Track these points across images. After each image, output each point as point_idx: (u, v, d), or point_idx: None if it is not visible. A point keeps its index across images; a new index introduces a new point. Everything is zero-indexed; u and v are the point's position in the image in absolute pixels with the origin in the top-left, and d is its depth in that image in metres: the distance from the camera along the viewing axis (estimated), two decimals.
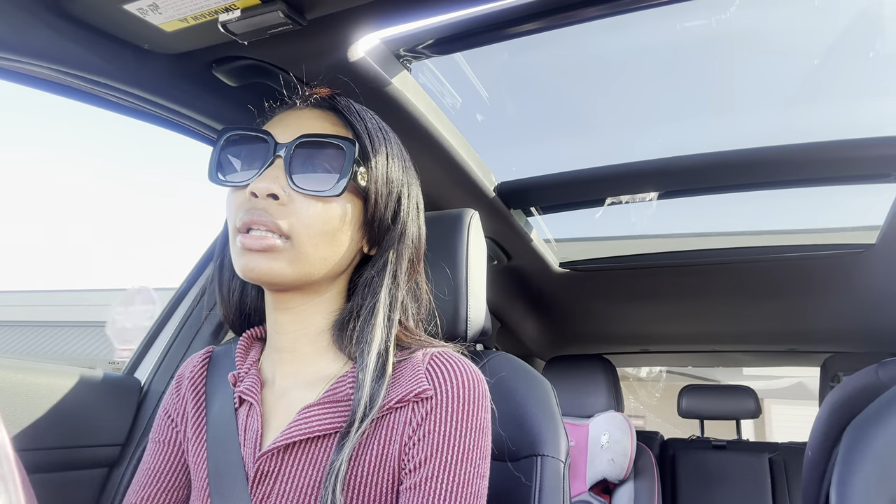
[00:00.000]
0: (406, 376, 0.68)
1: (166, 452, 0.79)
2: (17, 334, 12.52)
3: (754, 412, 2.80)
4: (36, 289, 13.95)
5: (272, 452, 0.67)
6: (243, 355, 0.78)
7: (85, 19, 0.81)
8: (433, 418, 0.65)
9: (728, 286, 2.06)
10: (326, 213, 0.68)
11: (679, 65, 1.41)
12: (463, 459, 0.64)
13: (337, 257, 0.70)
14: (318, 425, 0.66)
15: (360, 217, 0.72)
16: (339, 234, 0.69)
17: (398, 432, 0.66)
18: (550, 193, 1.63)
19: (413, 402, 0.66)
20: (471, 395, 0.67)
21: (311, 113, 0.74)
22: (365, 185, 0.71)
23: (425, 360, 0.69)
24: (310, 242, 0.67)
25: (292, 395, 0.72)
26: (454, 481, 0.63)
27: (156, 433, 0.81)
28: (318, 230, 0.67)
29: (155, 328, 1.31)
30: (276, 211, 0.66)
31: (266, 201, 0.66)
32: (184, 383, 0.81)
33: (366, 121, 0.74)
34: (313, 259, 0.68)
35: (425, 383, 0.67)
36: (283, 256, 0.66)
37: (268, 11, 0.76)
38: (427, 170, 0.87)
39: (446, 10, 0.87)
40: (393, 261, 0.73)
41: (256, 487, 0.67)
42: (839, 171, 1.43)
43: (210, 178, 0.71)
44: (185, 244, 40.94)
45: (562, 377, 2.50)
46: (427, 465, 0.64)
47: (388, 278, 0.73)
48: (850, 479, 0.95)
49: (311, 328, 0.73)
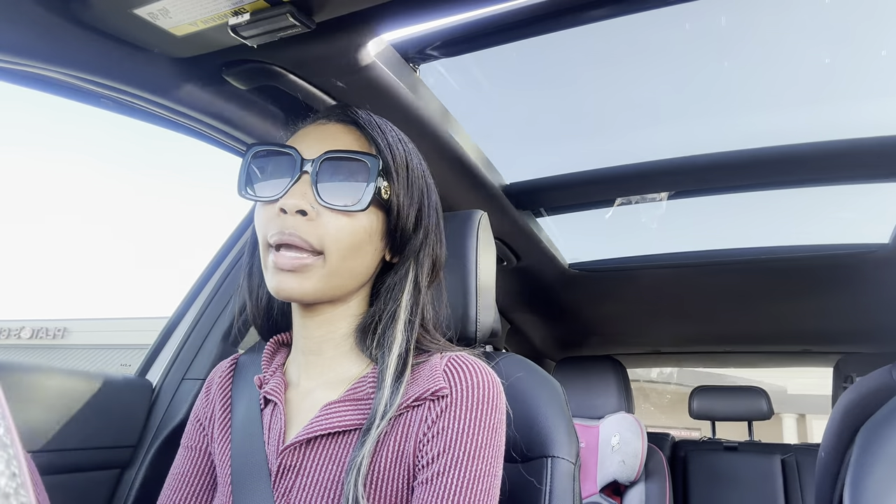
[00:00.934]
0: (424, 377, 0.71)
1: (196, 458, 0.82)
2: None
3: (766, 413, 2.78)
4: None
5: (295, 446, 0.69)
6: (269, 359, 0.81)
7: (95, 24, 0.81)
8: (448, 415, 0.67)
9: (740, 286, 2.05)
10: (353, 227, 0.70)
11: (689, 64, 1.40)
12: (475, 456, 0.65)
13: (363, 268, 0.74)
14: (339, 421, 0.69)
15: (383, 228, 0.74)
16: (365, 245, 0.72)
17: (414, 429, 0.68)
18: (560, 194, 1.63)
19: (430, 400, 0.69)
20: (485, 395, 0.69)
21: (335, 128, 0.76)
22: (388, 198, 0.73)
23: (443, 363, 0.72)
24: (339, 255, 0.70)
25: (316, 394, 0.74)
26: (465, 477, 0.64)
27: (186, 439, 0.84)
28: (346, 244, 0.70)
29: (166, 330, 1.32)
30: (304, 228, 0.68)
31: (295, 218, 0.68)
32: (213, 388, 0.85)
33: (386, 134, 0.76)
34: (342, 272, 0.71)
35: (442, 382, 0.69)
36: (314, 274, 0.69)
37: (277, 14, 0.76)
38: (436, 171, 0.87)
39: (454, 11, 0.87)
40: (414, 268, 0.77)
41: (279, 481, 0.69)
42: (852, 170, 1.42)
43: (239, 192, 0.74)
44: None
45: (572, 378, 2.50)
46: (440, 460, 0.65)
47: (410, 284, 0.76)
48: (864, 480, 0.94)
49: (337, 333, 0.76)
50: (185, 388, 1.21)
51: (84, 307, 40.75)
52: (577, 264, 2.04)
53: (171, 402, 1.19)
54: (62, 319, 14.50)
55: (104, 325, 13.59)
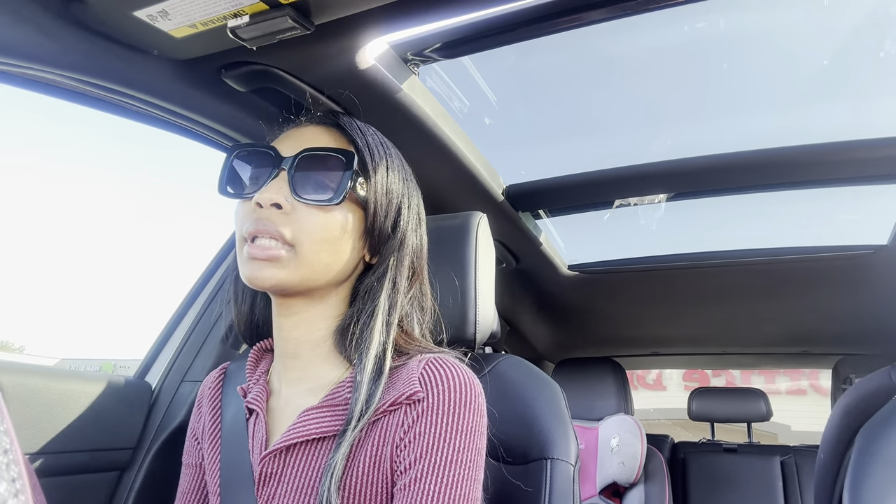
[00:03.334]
0: (401, 381, 0.70)
1: (195, 474, 0.84)
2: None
3: (765, 415, 2.78)
4: None
5: (274, 454, 0.70)
6: (253, 367, 0.82)
7: (94, 26, 0.81)
8: (424, 420, 0.66)
9: (739, 288, 2.05)
10: (327, 222, 0.71)
11: (688, 66, 1.41)
12: (453, 461, 0.65)
13: (339, 264, 0.73)
14: (317, 428, 0.69)
15: (360, 226, 0.75)
16: (340, 241, 0.72)
17: (391, 434, 0.67)
18: (559, 196, 1.63)
19: (405, 404, 0.68)
20: (462, 398, 0.68)
21: (316, 129, 0.77)
22: (364, 196, 0.74)
23: (420, 366, 0.71)
24: (311, 249, 0.70)
25: (297, 401, 0.74)
26: (444, 482, 0.63)
27: (186, 456, 0.86)
28: (319, 237, 0.71)
29: (165, 332, 1.31)
30: (279, 220, 0.69)
31: (270, 211, 0.70)
32: (204, 401, 0.86)
33: (366, 135, 0.77)
34: (315, 265, 0.71)
35: (417, 386, 0.68)
36: (286, 264, 0.70)
37: (276, 17, 0.76)
38: (435, 173, 0.87)
39: (454, 13, 0.87)
40: (393, 268, 0.76)
41: (262, 488, 0.70)
42: (850, 172, 1.42)
43: (219, 190, 0.76)
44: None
45: (571, 380, 2.50)
46: (417, 465, 0.64)
47: (388, 284, 0.75)
48: (864, 481, 0.94)
49: (314, 334, 0.75)
50: (184, 389, 1.21)
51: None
52: (576, 266, 2.04)
53: (170, 404, 1.19)
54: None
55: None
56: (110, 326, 32.37)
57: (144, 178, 38.85)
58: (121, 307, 30.03)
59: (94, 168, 42.67)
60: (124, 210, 38.62)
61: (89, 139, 46.82)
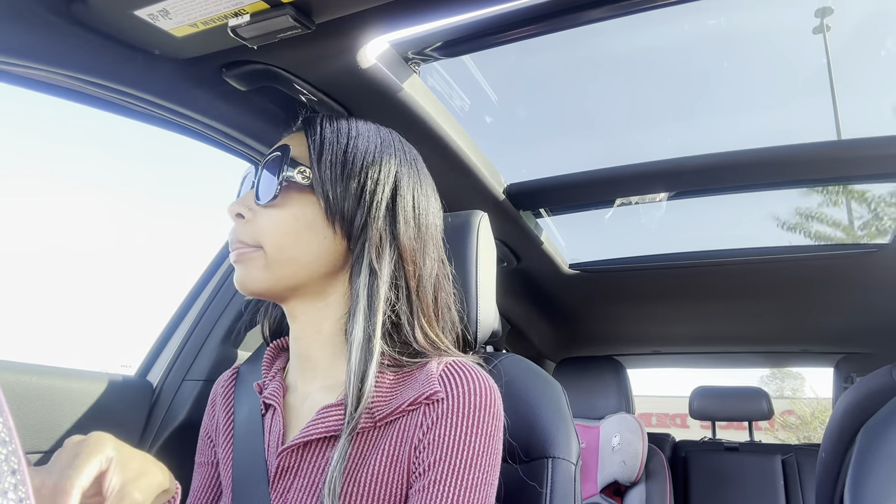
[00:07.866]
0: (420, 381, 0.70)
1: (207, 473, 0.84)
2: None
3: (766, 413, 2.78)
4: None
5: (291, 449, 0.70)
6: (269, 365, 0.83)
7: (95, 25, 0.81)
8: (444, 423, 0.66)
9: (740, 286, 2.05)
10: (282, 217, 0.73)
11: (688, 65, 1.41)
12: (471, 465, 0.65)
13: (310, 256, 0.73)
14: (335, 424, 0.69)
15: (322, 214, 0.73)
16: (302, 234, 0.73)
17: (409, 434, 0.67)
18: (560, 195, 1.63)
19: (425, 404, 0.68)
20: (482, 402, 0.68)
21: (293, 137, 0.79)
22: (309, 183, 0.73)
23: (439, 368, 0.71)
24: (274, 246, 0.73)
25: (315, 398, 0.75)
26: (461, 486, 0.64)
27: (198, 456, 0.87)
28: (278, 234, 0.73)
29: (167, 331, 1.31)
30: (243, 230, 0.74)
31: (238, 221, 0.75)
32: (217, 400, 0.87)
33: (320, 126, 0.77)
34: (283, 261, 0.73)
35: (437, 386, 0.68)
36: (255, 263, 0.73)
37: (277, 16, 0.76)
38: (436, 172, 0.87)
39: (454, 12, 0.87)
40: (367, 250, 0.73)
41: (277, 483, 0.71)
42: (851, 170, 1.42)
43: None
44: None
45: (572, 379, 2.50)
46: (435, 468, 0.65)
47: (365, 269, 0.72)
48: (865, 480, 0.94)
49: (321, 334, 0.76)
50: (185, 388, 1.21)
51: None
52: (577, 265, 2.04)
53: (171, 403, 1.19)
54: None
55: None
56: (112, 333, 32.28)
57: (144, 179, 38.66)
58: (122, 311, 29.98)
59: (95, 168, 42.37)
60: (124, 210, 38.47)
61: (90, 139, 46.18)
